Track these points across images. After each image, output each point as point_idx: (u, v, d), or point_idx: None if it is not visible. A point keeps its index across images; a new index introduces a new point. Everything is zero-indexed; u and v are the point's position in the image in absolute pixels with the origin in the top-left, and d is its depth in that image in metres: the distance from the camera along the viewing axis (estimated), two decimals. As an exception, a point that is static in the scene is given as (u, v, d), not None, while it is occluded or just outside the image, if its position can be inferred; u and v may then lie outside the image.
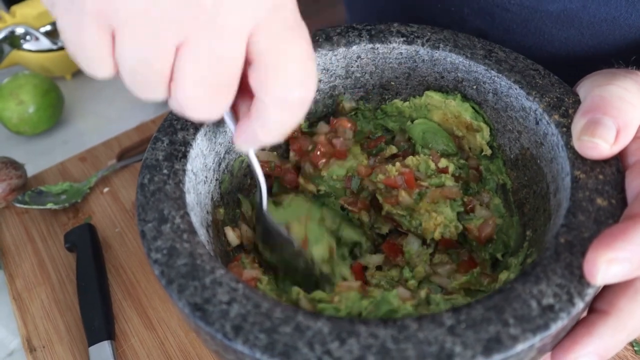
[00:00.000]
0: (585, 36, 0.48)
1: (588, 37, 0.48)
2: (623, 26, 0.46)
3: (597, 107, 0.35)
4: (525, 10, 0.49)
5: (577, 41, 0.49)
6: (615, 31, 0.47)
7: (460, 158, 0.48)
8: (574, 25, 0.47)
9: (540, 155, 0.41)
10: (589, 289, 0.30)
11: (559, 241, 0.32)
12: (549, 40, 0.50)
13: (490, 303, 0.30)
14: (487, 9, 0.51)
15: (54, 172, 0.66)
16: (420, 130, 0.49)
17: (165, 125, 0.41)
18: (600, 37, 0.47)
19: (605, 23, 0.46)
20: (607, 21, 0.46)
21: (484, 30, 0.52)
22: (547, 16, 0.48)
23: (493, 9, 0.51)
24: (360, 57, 0.47)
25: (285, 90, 0.31)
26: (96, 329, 0.49)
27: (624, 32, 0.46)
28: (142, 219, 0.36)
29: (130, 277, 0.54)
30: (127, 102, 0.77)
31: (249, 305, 0.31)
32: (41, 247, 0.58)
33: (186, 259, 0.33)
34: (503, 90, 0.43)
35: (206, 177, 0.42)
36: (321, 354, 0.28)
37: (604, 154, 0.35)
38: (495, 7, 0.51)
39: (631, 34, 0.46)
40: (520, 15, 0.50)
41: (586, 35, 0.48)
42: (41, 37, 0.75)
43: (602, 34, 0.47)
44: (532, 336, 0.28)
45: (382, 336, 0.29)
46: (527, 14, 0.49)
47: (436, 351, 0.28)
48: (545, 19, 0.49)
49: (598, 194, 0.34)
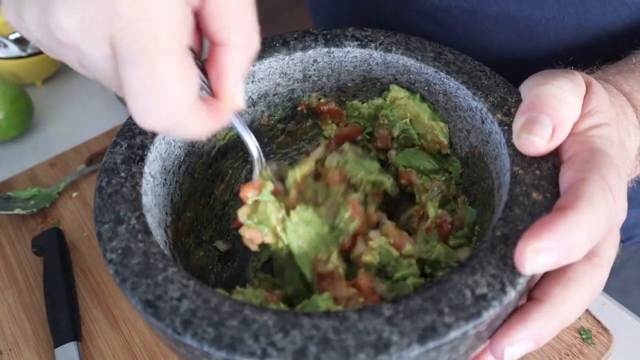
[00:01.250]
0: (523, 38, 0.50)
1: (526, 39, 0.50)
2: (557, 28, 0.48)
3: (534, 106, 0.37)
4: (466, 13, 0.51)
5: (515, 43, 0.51)
6: (550, 33, 0.49)
7: (443, 174, 0.48)
8: (512, 27, 0.50)
9: (486, 152, 0.43)
10: (520, 279, 0.31)
11: (495, 234, 0.34)
12: (490, 43, 0.52)
13: (428, 294, 0.31)
14: (432, 12, 0.53)
15: (23, 178, 0.66)
16: (401, 156, 0.49)
17: (124, 130, 0.42)
18: (537, 38, 0.50)
19: (540, 25, 0.48)
20: (541, 23, 0.48)
21: (430, 32, 0.55)
22: (486, 19, 0.50)
23: (437, 12, 0.53)
24: (317, 61, 0.48)
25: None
26: (62, 331, 0.49)
27: (559, 34, 0.49)
28: (99, 221, 0.37)
29: (97, 279, 0.55)
30: (98, 108, 0.78)
31: (199, 301, 0.32)
32: (9, 252, 0.59)
33: (140, 258, 0.34)
34: (452, 90, 0.45)
35: (165, 179, 0.43)
36: (266, 345, 0.30)
37: (540, 151, 0.36)
38: (439, 11, 0.53)
39: (565, 35, 0.48)
40: (461, 18, 0.52)
41: (524, 37, 0.50)
42: (10, 44, 0.76)
43: (539, 35, 0.49)
44: (465, 324, 0.30)
45: (324, 327, 0.30)
46: (468, 17, 0.51)
47: (374, 340, 0.29)
48: (485, 22, 0.51)
49: (534, 189, 0.36)
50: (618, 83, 0.43)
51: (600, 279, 0.33)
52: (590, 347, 0.46)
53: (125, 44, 0.28)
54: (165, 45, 0.28)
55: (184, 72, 0.29)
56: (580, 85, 0.37)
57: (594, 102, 0.37)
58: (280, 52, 0.47)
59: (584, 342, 0.46)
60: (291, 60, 0.48)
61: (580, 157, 0.35)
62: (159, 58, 0.28)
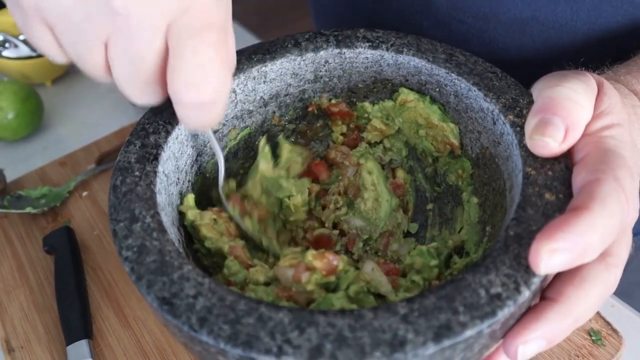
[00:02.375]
0: (536, 43, 0.50)
1: (539, 44, 0.50)
2: (569, 32, 0.48)
3: (547, 107, 0.37)
4: (480, 21, 0.51)
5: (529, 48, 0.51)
6: (563, 37, 0.49)
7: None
8: (525, 33, 0.50)
9: (497, 153, 0.43)
10: (534, 278, 0.32)
11: (508, 234, 0.34)
12: (504, 49, 0.52)
13: (442, 292, 0.31)
14: (445, 21, 0.54)
15: (34, 177, 0.67)
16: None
17: (137, 129, 0.43)
18: (550, 42, 0.50)
19: (553, 30, 0.49)
20: (554, 28, 0.49)
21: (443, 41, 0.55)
22: (499, 25, 0.51)
23: (450, 21, 0.53)
24: (328, 62, 0.49)
25: (177, 92, 0.33)
26: (74, 329, 0.50)
27: (571, 37, 0.49)
28: (114, 219, 0.37)
29: (108, 277, 0.55)
30: (107, 108, 0.78)
31: (214, 299, 0.32)
32: (20, 251, 0.59)
33: (155, 255, 0.35)
34: (463, 92, 0.45)
35: (178, 178, 0.43)
36: (282, 342, 0.30)
37: (553, 152, 0.37)
38: (452, 20, 0.53)
39: (577, 38, 0.49)
40: (475, 26, 0.52)
41: (537, 41, 0.50)
42: (20, 44, 0.76)
43: (552, 40, 0.50)
44: (480, 323, 0.30)
45: (339, 325, 0.30)
46: (482, 25, 0.51)
47: (390, 338, 0.30)
48: (498, 28, 0.51)
49: (547, 189, 0.36)
50: (629, 83, 0.43)
51: (613, 279, 0.33)
52: (600, 349, 0.46)
53: (199, 17, 0.31)
54: (229, 17, 0.32)
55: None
56: (592, 87, 0.38)
57: (605, 103, 0.37)
58: (292, 52, 0.48)
59: (593, 344, 0.46)
60: (303, 61, 0.48)
61: (593, 158, 0.35)
62: (229, 29, 0.32)
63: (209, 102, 0.34)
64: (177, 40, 0.32)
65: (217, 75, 0.33)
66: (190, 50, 0.32)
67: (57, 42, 0.34)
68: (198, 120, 0.36)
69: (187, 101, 0.34)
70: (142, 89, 0.35)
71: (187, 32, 0.32)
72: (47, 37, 0.33)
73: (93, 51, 0.33)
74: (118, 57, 0.33)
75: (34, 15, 0.32)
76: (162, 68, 0.33)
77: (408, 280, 0.43)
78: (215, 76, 0.33)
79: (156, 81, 0.34)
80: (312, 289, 0.39)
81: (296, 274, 0.39)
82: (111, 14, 0.31)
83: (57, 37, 0.33)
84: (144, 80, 0.34)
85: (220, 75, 0.34)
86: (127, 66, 0.33)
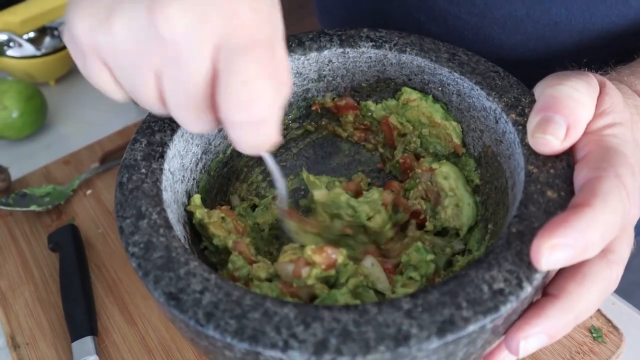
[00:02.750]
0: (531, 41, 0.51)
1: (534, 42, 0.51)
2: (564, 31, 0.49)
3: (549, 106, 0.37)
4: (475, 17, 0.52)
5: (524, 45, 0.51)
6: (558, 36, 0.49)
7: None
8: (520, 30, 0.50)
9: (500, 152, 0.43)
10: (536, 274, 0.32)
11: (510, 231, 0.34)
12: (499, 46, 0.53)
13: (446, 288, 0.32)
14: (442, 16, 0.54)
15: (38, 175, 0.67)
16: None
17: (143, 127, 0.43)
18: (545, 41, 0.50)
19: (547, 28, 0.49)
20: (549, 26, 0.49)
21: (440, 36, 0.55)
22: (495, 23, 0.51)
23: (447, 16, 0.54)
24: (332, 61, 0.49)
25: (227, 113, 0.32)
26: (79, 325, 0.50)
27: (566, 37, 0.49)
28: (121, 216, 0.37)
29: (112, 275, 0.56)
30: (110, 107, 0.79)
31: (221, 294, 0.32)
32: (25, 248, 0.59)
33: (162, 252, 0.35)
34: (466, 91, 0.45)
35: (183, 176, 0.44)
36: (287, 337, 0.30)
37: (555, 150, 0.37)
38: (448, 15, 0.54)
39: (572, 37, 0.49)
40: (470, 22, 0.52)
41: (532, 39, 0.51)
42: (25, 43, 0.77)
43: (547, 38, 0.50)
44: (483, 318, 0.30)
45: (344, 320, 0.31)
46: (477, 20, 0.52)
47: (394, 333, 0.30)
48: (494, 25, 0.52)
49: (549, 187, 0.36)
50: (632, 84, 0.44)
51: (614, 275, 0.34)
52: (601, 346, 0.47)
53: (244, 35, 0.31)
54: (282, 34, 0.33)
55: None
56: (594, 86, 0.38)
57: (607, 102, 0.38)
58: (296, 52, 0.48)
59: (594, 341, 0.47)
60: (306, 60, 0.48)
61: (594, 155, 0.35)
62: (278, 43, 0.33)
63: (260, 119, 0.32)
64: (224, 61, 0.31)
65: (265, 91, 0.32)
66: (235, 69, 0.31)
67: (114, 79, 0.34)
68: (252, 141, 0.34)
69: (237, 120, 0.32)
70: (197, 116, 0.33)
71: (233, 52, 0.31)
72: (105, 74, 0.33)
73: (147, 83, 0.32)
74: (169, 86, 0.32)
75: (91, 53, 0.32)
76: (213, 93, 0.33)
77: (405, 277, 0.43)
78: (263, 92, 0.32)
79: (209, 107, 0.33)
80: (312, 283, 0.39)
81: (296, 269, 0.39)
82: (160, 43, 0.30)
83: (114, 74, 0.33)
84: (196, 107, 0.33)
85: (269, 91, 0.32)
86: (179, 94, 0.32)
